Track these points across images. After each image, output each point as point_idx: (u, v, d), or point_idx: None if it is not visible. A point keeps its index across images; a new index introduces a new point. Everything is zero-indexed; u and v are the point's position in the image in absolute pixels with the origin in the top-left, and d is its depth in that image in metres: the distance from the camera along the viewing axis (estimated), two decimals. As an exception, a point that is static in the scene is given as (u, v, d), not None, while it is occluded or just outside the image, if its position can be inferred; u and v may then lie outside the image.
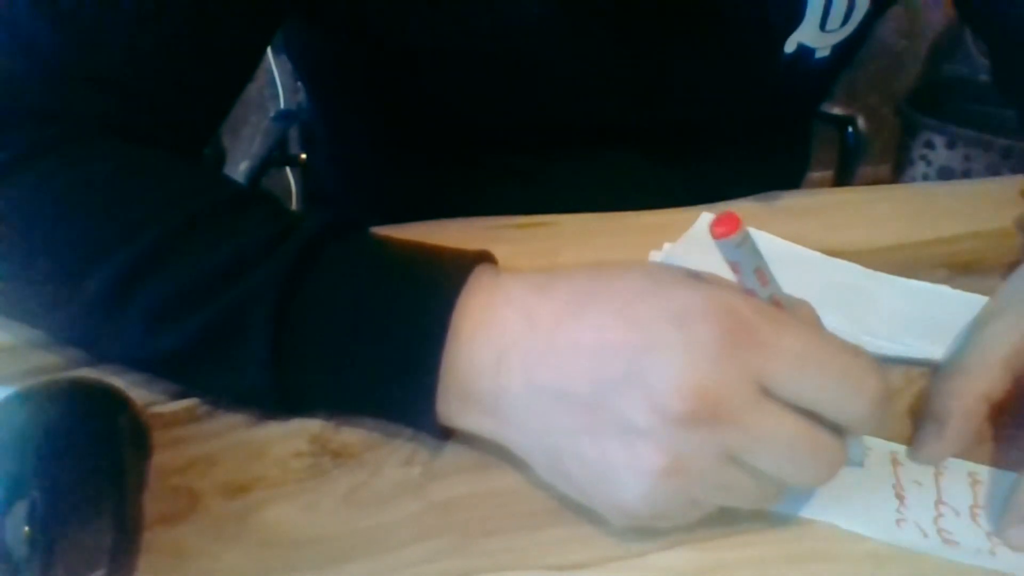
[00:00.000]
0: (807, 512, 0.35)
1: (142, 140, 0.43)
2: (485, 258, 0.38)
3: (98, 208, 0.40)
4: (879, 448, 0.39)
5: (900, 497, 0.36)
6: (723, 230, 0.31)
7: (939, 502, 0.36)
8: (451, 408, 0.36)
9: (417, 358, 0.35)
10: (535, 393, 0.33)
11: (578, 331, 0.33)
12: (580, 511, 0.35)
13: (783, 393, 0.31)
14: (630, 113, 0.59)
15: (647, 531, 0.34)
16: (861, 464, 0.37)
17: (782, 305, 0.33)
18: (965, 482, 0.37)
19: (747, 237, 0.31)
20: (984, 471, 0.38)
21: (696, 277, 0.33)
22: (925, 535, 0.35)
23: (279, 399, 0.38)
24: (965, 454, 0.38)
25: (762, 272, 0.32)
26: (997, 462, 0.38)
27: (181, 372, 0.39)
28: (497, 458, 0.37)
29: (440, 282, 0.36)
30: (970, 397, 0.38)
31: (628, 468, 0.31)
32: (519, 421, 0.35)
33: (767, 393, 0.31)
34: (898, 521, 0.35)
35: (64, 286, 0.39)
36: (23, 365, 0.42)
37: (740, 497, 0.33)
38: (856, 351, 0.32)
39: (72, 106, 0.44)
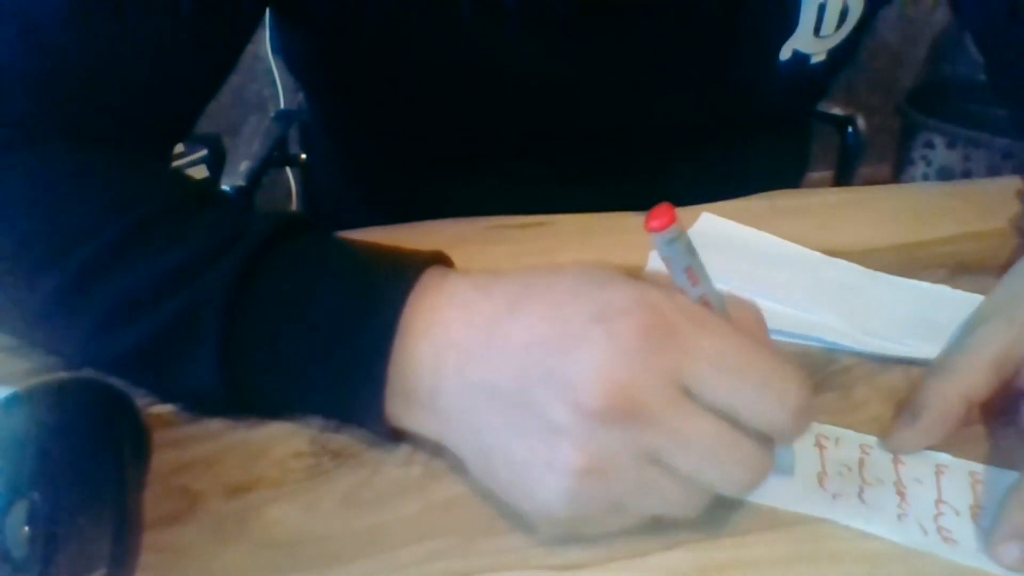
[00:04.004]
0: (807, 510, 0.35)
1: (103, 142, 0.44)
2: (438, 259, 0.38)
3: (52, 210, 0.40)
4: (880, 446, 0.39)
5: (901, 494, 0.36)
6: (657, 224, 0.31)
7: (939, 501, 0.36)
8: (397, 408, 0.36)
9: (365, 359, 0.35)
10: (468, 390, 0.34)
11: (510, 328, 0.33)
12: (580, 511, 0.35)
13: (703, 394, 0.31)
14: (628, 118, 0.59)
15: (650, 532, 0.34)
16: (791, 473, 0.37)
17: (712, 306, 0.33)
18: (966, 482, 0.37)
19: (680, 234, 0.31)
20: (985, 471, 0.38)
21: (632, 276, 0.33)
22: (925, 532, 0.35)
23: (230, 400, 0.38)
24: (943, 448, 0.38)
25: (693, 271, 0.32)
26: (997, 462, 0.38)
27: (133, 373, 0.39)
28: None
29: (390, 283, 0.36)
30: (949, 395, 0.38)
31: (548, 467, 0.31)
32: (455, 420, 0.35)
33: (687, 394, 0.31)
34: (899, 516, 0.35)
35: (19, 287, 0.40)
36: (23, 365, 0.42)
37: (664, 502, 0.32)
38: (783, 359, 0.32)
39: (29, 110, 0.44)
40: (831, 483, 0.37)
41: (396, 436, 0.37)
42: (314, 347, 0.36)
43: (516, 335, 0.33)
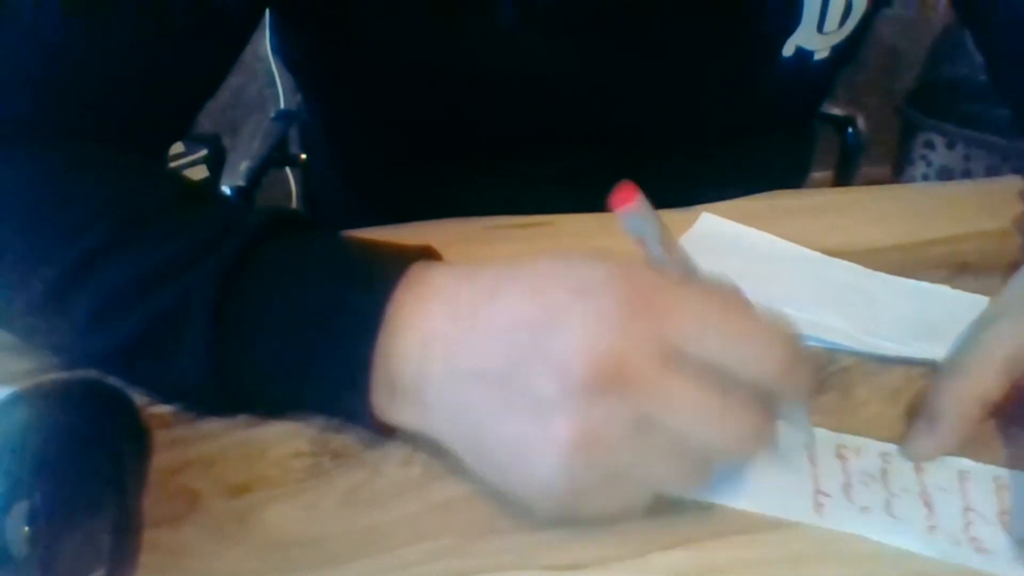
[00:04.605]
0: (838, 526, 0.35)
1: (98, 141, 0.44)
2: (426, 254, 0.38)
3: (44, 207, 0.41)
4: (899, 454, 0.38)
5: (928, 504, 0.36)
6: (621, 201, 0.31)
7: (967, 509, 0.35)
8: (383, 402, 0.36)
9: (350, 353, 0.35)
10: (454, 377, 0.34)
11: (492, 313, 0.34)
12: (580, 511, 0.35)
13: (689, 354, 0.31)
14: (630, 117, 0.59)
15: (650, 532, 0.34)
16: (810, 443, 0.37)
17: (690, 273, 0.33)
18: (990, 487, 0.36)
19: (646, 207, 0.32)
20: (1008, 475, 0.37)
21: (604, 254, 0.34)
22: (957, 543, 0.34)
23: (219, 396, 0.38)
24: (963, 452, 0.38)
25: (664, 241, 0.33)
26: (1017, 465, 0.38)
27: (124, 369, 0.40)
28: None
29: (376, 277, 0.36)
30: (965, 398, 0.38)
31: (541, 442, 0.31)
32: (443, 410, 0.35)
33: (674, 357, 0.31)
34: (930, 528, 0.35)
35: (12, 284, 0.40)
36: (23, 365, 0.42)
37: (663, 471, 0.32)
38: (766, 314, 0.32)
39: (24, 108, 0.44)
40: (857, 494, 0.36)
41: (384, 431, 0.37)
42: (300, 342, 0.36)
43: (499, 319, 0.33)
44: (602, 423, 0.31)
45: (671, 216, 0.55)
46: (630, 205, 0.31)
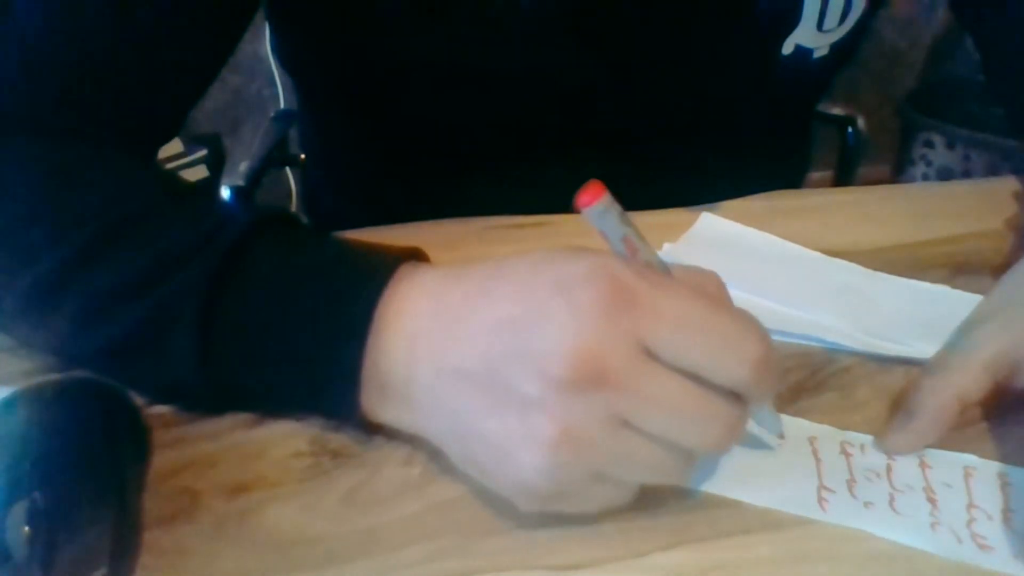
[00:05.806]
0: (841, 520, 0.35)
1: (86, 140, 0.44)
2: (413, 255, 0.38)
3: (33, 206, 0.41)
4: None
5: (932, 501, 0.36)
6: (587, 199, 0.32)
7: (971, 505, 0.35)
8: (373, 402, 0.36)
9: (339, 352, 0.36)
10: (439, 376, 0.34)
11: (476, 312, 0.34)
12: (580, 511, 0.35)
13: (665, 355, 0.31)
14: (628, 117, 0.59)
15: (650, 532, 0.34)
16: (779, 436, 0.37)
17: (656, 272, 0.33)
18: (995, 484, 0.36)
19: (610, 206, 0.32)
20: (1013, 472, 0.37)
21: (588, 249, 0.34)
22: (959, 541, 0.34)
23: (208, 394, 0.38)
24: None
25: (630, 240, 0.33)
26: (1019, 462, 0.38)
27: (112, 368, 0.40)
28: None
29: (365, 278, 0.37)
30: (944, 395, 0.38)
31: (524, 441, 0.31)
32: (429, 408, 0.35)
33: (651, 355, 0.31)
34: (932, 525, 0.35)
35: (1, 283, 0.40)
36: (23, 365, 0.42)
37: (645, 468, 0.32)
38: (742, 317, 0.32)
39: (12, 106, 0.44)
40: (861, 490, 0.36)
41: (374, 428, 0.38)
42: (289, 341, 0.36)
43: (482, 318, 0.33)
44: (583, 421, 0.31)
45: (671, 216, 0.55)
46: (596, 204, 0.32)
